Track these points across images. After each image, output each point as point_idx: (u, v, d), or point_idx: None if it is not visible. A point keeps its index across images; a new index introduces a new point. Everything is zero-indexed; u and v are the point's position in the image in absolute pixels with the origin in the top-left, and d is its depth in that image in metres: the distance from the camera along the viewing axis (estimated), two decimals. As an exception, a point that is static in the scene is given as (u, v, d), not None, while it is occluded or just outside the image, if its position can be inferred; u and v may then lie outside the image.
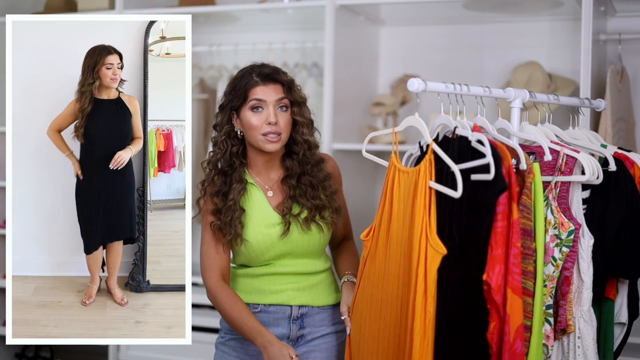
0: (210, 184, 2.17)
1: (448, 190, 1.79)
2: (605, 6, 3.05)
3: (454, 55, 3.57)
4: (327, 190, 2.21)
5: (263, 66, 2.16)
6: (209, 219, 2.16)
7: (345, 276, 2.23)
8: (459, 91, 1.95)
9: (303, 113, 2.17)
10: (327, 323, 2.23)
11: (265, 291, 2.17)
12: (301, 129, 2.17)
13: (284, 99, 2.13)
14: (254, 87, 2.11)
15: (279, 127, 2.12)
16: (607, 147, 2.15)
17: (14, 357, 4.08)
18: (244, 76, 2.14)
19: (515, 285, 1.75)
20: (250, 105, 2.11)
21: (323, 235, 2.20)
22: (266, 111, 2.11)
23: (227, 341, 2.23)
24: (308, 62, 3.65)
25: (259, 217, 2.16)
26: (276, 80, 2.13)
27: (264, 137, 2.12)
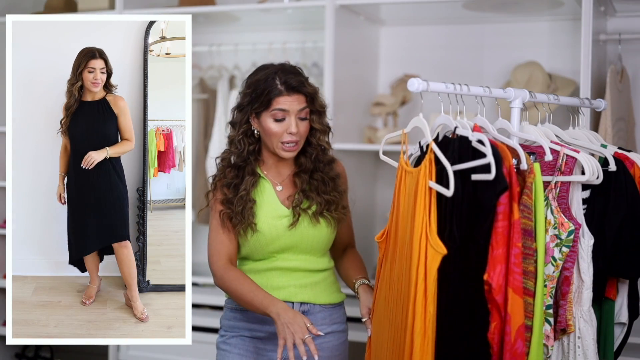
0: (221, 177, 2.20)
1: (442, 189, 1.79)
2: (605, 6, 3.05)
3: (454, 55, 3.57)
4: (338, 188, 2.24)
5: (288, 73, 2.14)
6: (218, 207, 2.18)
7: (360, 280, 2.23)
8: (459, 91, 1.95)
9: (322, 121, 2.20)
10: (328, 322, 2.24)
11: (268, 287, 2.17)
12: (318, 134, 2.20)
13: (305, 109, 2.15)
14: (278, 96, 2.11)
15: (298, 136, 2.14)
16: (607, 147, 2.15)
17: (14, 357, 4.07)
18: (267, 80, 2.13)
19: (516, 285, 1.76)
20: (273, 114, 2.12)
21: (331, 230, 2.22)
22: (288, 121, 2.13)
23: (227, 339, 2.23)
24: (308, 62, 3.65)
25: (268, 208, 2.19)
26: (301, 92, 2.14)
27: (282, 145, 2.15)
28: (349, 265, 2.30)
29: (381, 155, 2.17)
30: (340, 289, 2.31)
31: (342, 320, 2.29)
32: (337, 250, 2.33)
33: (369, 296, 2.17)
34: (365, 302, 2.16)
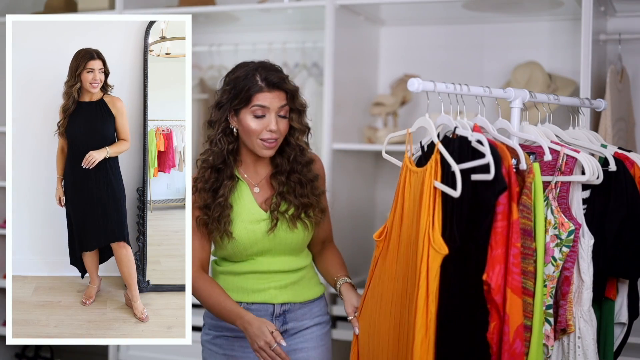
0: (201, 180, 2.19)
1: (448, 189, 1.79)
2: (605, 6, 3.05)
3: (454, 55, 3.57)
4: (316, 190, 2.22)
5: (268, 70, 2.13)
6: (195, 213, 2.19)
7: (341, 278, 2.24)
8: (459, 91, 1.95)
9: (301, 120, 2.18)
10: (309, 316, 2.26)
11: (248, 290, 2.19)
12: (297, 134, 2.18)
13: (285, 106, 2.13)
14: (258, 92, 2.10)
15: (278, 134, 2.13)
16: (607, 147, 2.15)
17: (14, 357, 4.08)
18: (247, 76, 2.12)
19: (515, 285, 1.76)
20: (253, 111, 2.11)
21: (308, 233, 2.22)
22: (268, 118, 2.11)
23: (212, 339, 2.26)
24: (308, 62, 3.65)
25: (245, 213, 2.18)
26: (281, 88, 2.12)
27: (261, 142, 2.13)
28: (328, 262, 2.31)
29: (384, 154, 2.16)
30: (319, 281, 2.33)
31: (323, 312, 2.31)
32: (316, 246, 2.33)
33: (352, 294, 2.18)
34: (350, 300, 2.16)
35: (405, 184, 1.96)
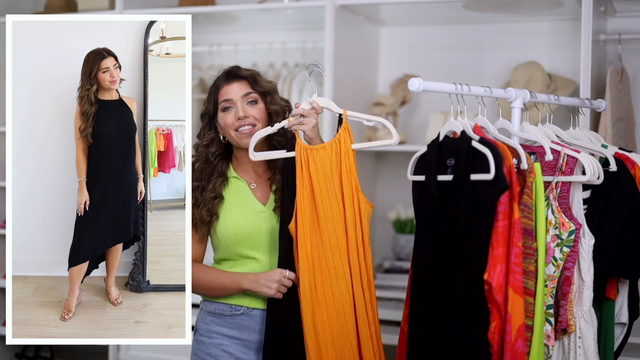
0: (194, 179, 2.27)
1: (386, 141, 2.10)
2: (605, 6, 3.05)
3: (454, 55, 3.57)
4: None
5: (229, 69, 2.25)
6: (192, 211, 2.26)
7: None
8: (460, 91, 1.95)
9: (274, 101, 2.24)
10: None
11: (250, 295, 2.19)
12: (276, 118, 2.23)
13: (251, 94, 2.21)
14: (220, 89, 2.22)
15: (251, 120, 2.19)
16: (607, 148, 2.15)
17: (14, 357, 4.07)
18: (214, 82, 2.26)
19: (516, 285, 1.76)
20: (222, 107, 2.22)
21: None
22: (235, 108, 2.20)
23: (209, 349, 2.26)
24: (308, 62, 3.65)
25: (243, 204, 2.23)
26: (239, 77, 2.22)
27: (237, 133, 2.20)
28: None
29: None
30: None
31: None
32: None
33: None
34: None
35: (308, 164, 2.07)
